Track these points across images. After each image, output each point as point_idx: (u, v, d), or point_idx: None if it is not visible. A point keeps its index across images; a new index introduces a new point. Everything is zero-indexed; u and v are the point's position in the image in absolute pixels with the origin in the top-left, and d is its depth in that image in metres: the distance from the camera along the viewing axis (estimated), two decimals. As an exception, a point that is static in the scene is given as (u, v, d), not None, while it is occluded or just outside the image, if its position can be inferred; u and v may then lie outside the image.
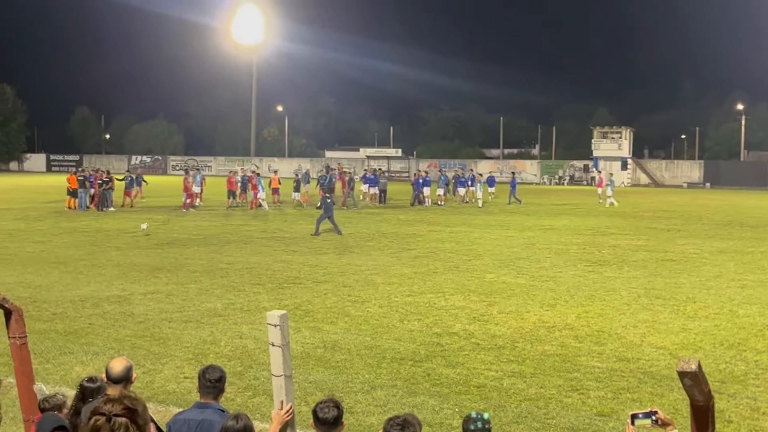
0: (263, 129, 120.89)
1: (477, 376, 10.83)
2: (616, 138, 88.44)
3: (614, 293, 17.18)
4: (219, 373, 5.99)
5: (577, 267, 21.07)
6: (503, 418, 9.04)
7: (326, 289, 17.37)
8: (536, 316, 14.75)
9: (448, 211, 41.83)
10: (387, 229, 30.93)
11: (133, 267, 20.50)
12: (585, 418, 9.10)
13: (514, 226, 33.07)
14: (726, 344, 12.73)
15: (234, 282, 18.32)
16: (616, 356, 11.93)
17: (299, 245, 25.51)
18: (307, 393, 9.81)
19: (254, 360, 11.48)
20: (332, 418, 5.24)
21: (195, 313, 14.75)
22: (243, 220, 34.94)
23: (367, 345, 12.47)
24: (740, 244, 26.59)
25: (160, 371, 10.93)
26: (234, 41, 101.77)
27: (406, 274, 19.67)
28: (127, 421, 2.70)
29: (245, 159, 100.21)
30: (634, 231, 31.24)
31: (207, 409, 5.81)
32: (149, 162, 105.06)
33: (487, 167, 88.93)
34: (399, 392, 10.09)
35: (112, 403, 2.73)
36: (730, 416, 9.21)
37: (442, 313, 14.95)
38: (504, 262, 21.78)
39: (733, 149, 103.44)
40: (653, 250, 24.90)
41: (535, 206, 46.44)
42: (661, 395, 9.97)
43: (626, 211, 43.20)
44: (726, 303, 16.14)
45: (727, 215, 40.37)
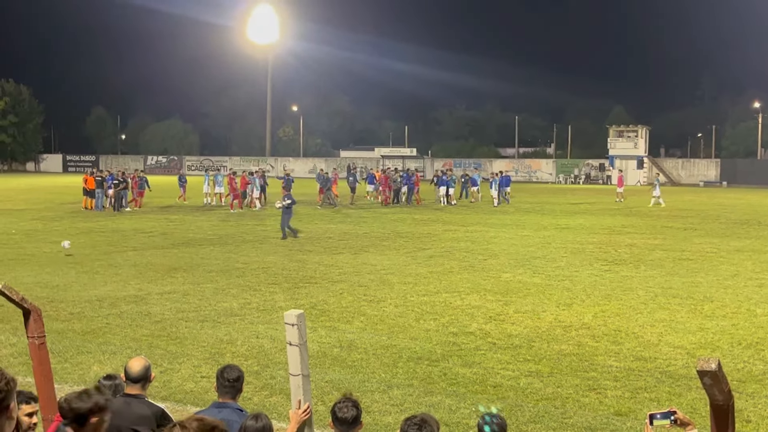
0: (278, 129, 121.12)
1: (493, 375, 10.81)
2: (632, 137, 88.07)
3: (631, 292, 17.11)
4: (237, 372, 6.02)
5: (593, 266, 21.00)
6: (520, 418, 9.02)
7: (342, 289, 17.38)
8: (552, 315, 14.71)
9: (463, 211, 41.78)
10: (402, 229, 30.92)
11: (149, 267, 20.58)
12: (602, 418, 9.07)
13: (529, 225, 33.00)
14: (744, 343, 12.66)
15: (250, 281, 18.36)
16: (634, 355, 11.88)
17: (314, 245, 25.53)
18: (324, 392, 9.82)
19: (271, 359, 11.50)
20: (351, 417, 5.25)
21: (211, 313, 14.79)
22: (258, 220, 35.00)
23: (383, 344, 12.47)
24: (758, 243, 26.43)
25: (178, 371, 10.97)
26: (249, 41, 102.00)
27: (422, 273, 19.65)
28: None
29: (260, 159, 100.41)
30: (650, 230, 31.10)
31: (225, 408, 5.83)
32: (165, 162, 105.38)
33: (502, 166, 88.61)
34: (415, 392, 10.08)
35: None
36: (748, 416, 9.15)
37: (458, 312, 14.93)
38: (520, 262, 21.73)
39: (749, 148, 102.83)
40: (670, 249, 24.78)
41: (551, 205, 46.32)
42: (678, 395, 9.93)
43: (642, 210, 43.04)
44: (744, 302, 16.05)
45: (744, 214, 40.15)
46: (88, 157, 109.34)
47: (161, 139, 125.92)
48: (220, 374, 6.03)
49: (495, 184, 47.06)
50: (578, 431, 8.76)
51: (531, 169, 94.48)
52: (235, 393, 6.02)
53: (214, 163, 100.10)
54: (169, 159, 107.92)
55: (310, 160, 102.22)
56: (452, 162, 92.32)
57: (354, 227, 31.60)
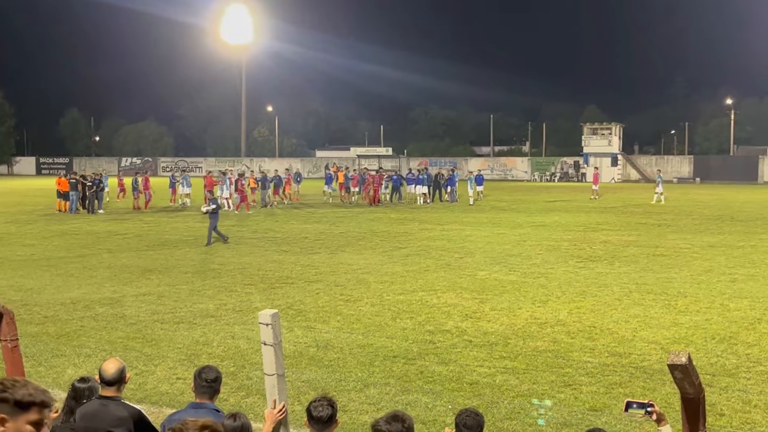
0: (253, 129, 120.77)
1: (470, 372, 10.85)
2: (606, 134, 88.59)
3: (606, 289, 17.23)
4: (215, 373, 6.03)
5: (568, 263, 21.12)
6: (496, 414, 9.06)
7: (318, 289, 17.37)
8: (528, 312, 14.78)
9: (438, 209, 41.85)
10: (378, 228, 30.93)
11: (124, 269, 20.46)
12: (578, 413, 9.13)
13: (505, 223, 33.12)
14: (717, 338, 12.78)
15: (226, 283, 18.31)
16: (608, 351, 11.97)
17: (290, 245, 25.49)
18: (300, 392, 9.82)
19: (247, 360, 11.48)
20: (327, 416, 5.26)
21: (187, 314, 14.73)
22: (234, 221, 34.87)
23: (359, 343, 12.48)
24: (730, 239, 26.68)
25: (153, 372, 10.92)
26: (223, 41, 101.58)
27: (398, 272, 19.68)
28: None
29: (236, 159, 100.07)
30: (624, 227, 31.31)
31: (202, 409, 5.83)
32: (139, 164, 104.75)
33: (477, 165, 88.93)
34: (392, 390, 10.10)
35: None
36: (722, 409, 9.25)
37: (434, 310, 14.97)
38: (495, 259, 21.81)
39: (722, 144, 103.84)
40: (644, 245, 24.97)
41: (526, 203, 46.51)
42: (653, 389, 10.01)
43: (616, 206, 43.32)
44: (717, 297, 16.20)
45: (718, 210, 40.50)
46: (61, 160, 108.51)
47: (135, 140, 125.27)
48: (198, 375, 6.03)
49: (471, 183, 47.21)
50: (554, 427, 8.81)
51: (506, 167, 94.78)
52: (213, 394, 6.02)
53: (189, 164, 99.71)
54: (143, 160, 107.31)
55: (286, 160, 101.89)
56: (428, 161, 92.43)
57: (330, 227, 31.59)
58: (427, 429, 8.62)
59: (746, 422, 8.90)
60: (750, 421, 8.96)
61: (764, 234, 28.13)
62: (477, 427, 5.37)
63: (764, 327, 13.53)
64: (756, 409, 9.34)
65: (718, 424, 8.64)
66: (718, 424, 8.68)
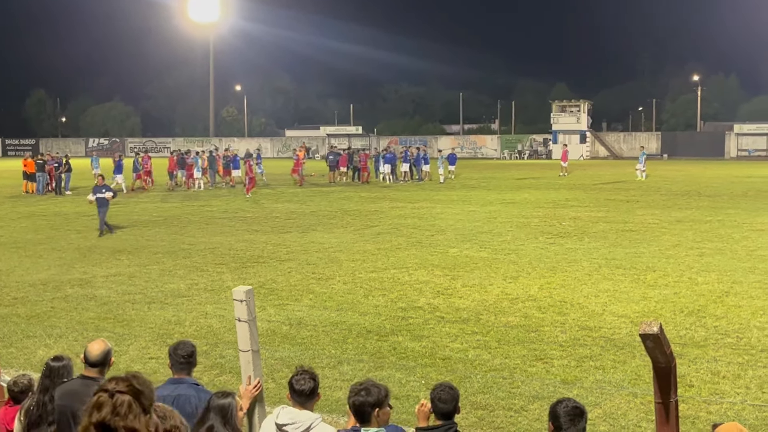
0: (222, 109, 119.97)
1: (442, 348, 10.92)
2: (574, 111, 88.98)
3: (575, 264, 17.37)
4: (190, 348, 6.06)
5: (538, 239, 21.26)
6: (469, 389, 9.14)
7: (290, 267, 17.36)
8: (499, 288, 14.88)
9: (410, 188, 41.90)
10: (349, 207, 30.93)
11: (93, 250, 20.32)
12: (549, 386, 9.23)
13: (475, 200, 33.23)
14: (686, 311, 12.95)
15: (197, 262, 18.24)
16: (579, 325, 12.09)
17: (261, 224, 25.43)
18: (274, 370, 9.84)
19: (220, 338, 11.48)
20: (309, 389, 5.30)
21: (158, 294, 14.68)
22: (203, 200, 34.72)
23: (332, 321, 12.51)
24: (698, 214, 26.98)
25: (125, 352, 10.88)
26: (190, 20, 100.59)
27: (370, 250, 19.71)
28: (131, 400, 2.67)
29: (204, 139, 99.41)
30: (593, 203, 31.56)
31: (181, 384, 5.85)
32: (107, 144, 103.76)
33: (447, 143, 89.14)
34: (366, 366, 10.15)
35: (117, 382, 2.71)
36: (691, 381, 9.39)
37: (406, 288, 15.03)
38: (466, 237, 21.90)
39: (689, 120, 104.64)
40: (613, 221, 25.18)
41: (497, 180, 46.69)
42: (623, 362, 10.14)
43: (585, 183, 43.61)
44: (685, 271, 16.40)
45: (685, 185, 40.89)
46: (27, 141, 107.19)
47: (103, 121, 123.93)
48: (173, 351, 6.05)
49: (442, 161, 47.25)
50: (526, 400, 8.90)
51: (476, 145, 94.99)
52: (190, 368, 6.05)
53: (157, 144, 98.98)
54: (111, 141, 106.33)
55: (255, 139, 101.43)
56: (398, 139, 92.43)
57: (301, 206, 31.53)
58: (401, 404, 8.67)
59: (715, 392, 9.05)
60: (719, 391, 9.10)
61: (731, 209, 28.47)
62: (452, 400, 5.41)
63: (732, 300, 13.73)
64: (724, 380, 9.49)
65: (688, 395, 8.77)
66: (688, 394, 8.82)
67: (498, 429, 8.22)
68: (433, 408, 5.44)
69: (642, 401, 8.70)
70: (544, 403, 8.75)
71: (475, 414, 8.50)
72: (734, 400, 8.82)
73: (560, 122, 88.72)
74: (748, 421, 8.07)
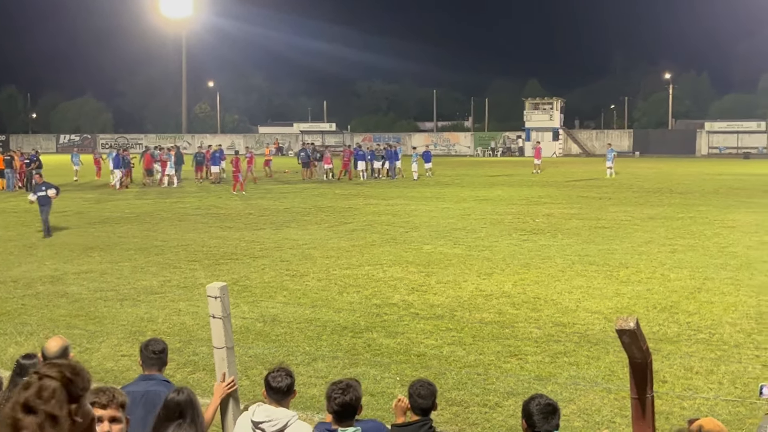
0: (195, 105, 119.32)
1: (417, 345, 10.91)
2: (547, 109, 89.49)
3: (549, 261, 17.42)
4: (162, 345, 6.04)
5: (512, 236, 21.31)
6: (444, 385, 9.12)
7: (264, 264, 17.28)
8: (473, 285, 14.89)
9: (383, 185, 41.89)
10: (323, 203, 30.86)
11: (65, 246, 20.11)
12: (524, 382, 9.24)
13: (449, 197, 33.28)
14: (659, 307, 13.02)
15: (169, 259, 18.11)
16: (553, 321, 12.12)
17: (235, 221, 25.30)
18: (248, 367, 9.78)
19: (193, 336, 11.39)
20: (286, 386, 5.28)
21: (131, 291, 14.55)
22: (176, 197, 34.51)
23: (306, 318, 12.46)
24: (670, 211, 27.17)
25: (97, 350, 10.78)
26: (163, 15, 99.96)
27: (344, 247, 19.66)
28: (58, 386, 2.61)
29: (177, 136, 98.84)
30: (566, 200, 31.69)
31: (151, 380, 5.81)
32: (78, 141, 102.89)
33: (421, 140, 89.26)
34: (340, 363, 10.11)
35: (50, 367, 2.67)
36: (664, 376, 9.44)
37: (380, 284, 15.00)
38: (441, 233, 21.91)
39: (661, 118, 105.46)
40: (586, 218, 25.30)
41: (470, 177, 46.79)
42: (597, 358, 10.18)
43: (558, 180, 43.80)
44: (657, 267, 16.50)
45: (657, 183, 41.19)
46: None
47: (74, 117, 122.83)
48: (144, 347, 6.03)
49: (416, 158, 47.22)
50: (501, 396, 8.91)
51: (450, 142, 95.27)
52: (161, 365, 6.01)
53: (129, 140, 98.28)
54: (82, 137, 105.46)
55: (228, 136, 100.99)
56: (371, 136, 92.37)
57: (275, 203, 31.42)
58: (376, 401, 8.65)
59: (688, 388, 9.10)
60: (692, 386, 9.16)
61: (702, 206, 28.71)
62: (430, 396, 5.42)
63: (704, 296, 13.82)
64: (697, 376, 9.55)
65: (662, 391, 8.81)
66: (662, 390, 8.85)
67: (473, 425, 8.21)
68: (411, 403, 5.43)
69: (616, 397, 8.73)
70: (519, 399, 8.75)
71: (449, 410, 8.49)
72: (707, 395, 8.87)
73: (533, 120, 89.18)
74: (721, 416, 8.11)
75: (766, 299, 13.49)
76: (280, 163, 59.79)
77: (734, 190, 35.68)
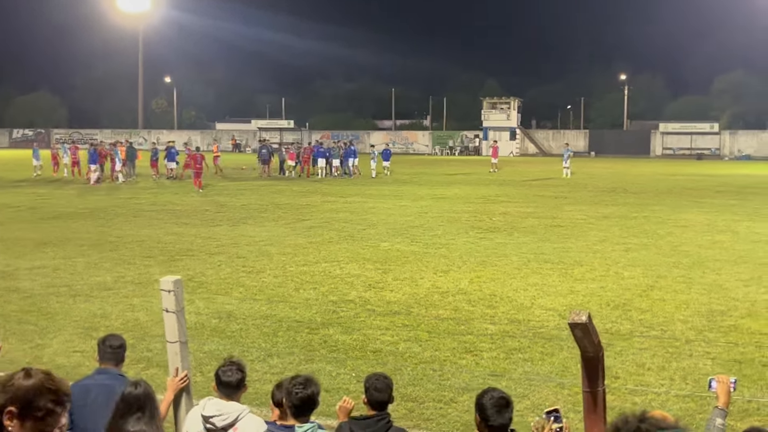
0: (151, 101, 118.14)
1: (373, 341, 10.91)
2: (504, 108, 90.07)
3: (505, 258, 17.53)
4: (120, 340, 6.02)
5: (468, 234, 21.41)
6: (399, 381, 9.12)
7: (220, 261, 17.16)
8: (430, 282, 14.94)
9: (341, 182, 41.87)
10: (281, 200, 30.75)
11: (16, 242, 19.80)
12: (479, 378, 9.28)
13: (407, 195, 33.35)
14: (612, 305, 13.17)
15: (124, 255, 17.91)
16: (508, 318, 12.20)
17: (191, 218, 25.10)
18: (202, 363, 9.70)
19: (147, 332, 11.27)
20: (236, 381, 5.25)
21: (84, 287, 14.36)
22: (131, 193, 34.16)
23: (262, 314, 12.40)
24: (624, 210, 27.50)
25: (49, 345, 10.63)
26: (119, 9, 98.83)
27: (301, 244, 19.61)
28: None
29: (132, 131, 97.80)
30: (523, 199, 31.92)
31: (105, 374, 5.76)
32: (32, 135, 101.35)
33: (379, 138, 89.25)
34: (296, 359, 10.08)
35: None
36: (617, 372, 9.54)
37: (337, 281, 14.98)
38: (398, 231, 21.95)
39: (616, 119, 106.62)
40: (542, 216, 25.50)
41: (428, 176, 46.91)
42: (551, 354, 10.27)
43: (515, 179, 44.11)
44: (611, 266, 16.68)
45: (612, 182, 41.66)
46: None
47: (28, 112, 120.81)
48: (102, 342, 6.00)
49: (375, 156, 47.24)
50: (455, 392, 8.95)
51: (408, 140, 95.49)
52: (118, 360, 5.97)
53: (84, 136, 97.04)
54: (36, 132, 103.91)
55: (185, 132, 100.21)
56: (330, 134, 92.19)
57: (231, 199, 31.25)
58: (331, 397, 8.63)
59: (640, 384, 9.21)
60: (644, 382, 9.28)
61: (656, 205, 29.09)
62: (387, 389, 5.42)
63: (657, 294, 14.01)
64: (649, 372, 9.68)
65: (614, 386, 8.91)
66: (614, 386, 8.95)
67: (428, 421, 8.24)
68: (367, 397, 5.43)
69: (569, 392, 8.81)
70: (474, 394, 8.75)
71: (404, 406, 8.51)
72: (659, 390, 8.99)
73: (491, 119, 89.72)
74: (672, 411, 8.22)
75: (717, 297, 13.71)
76: (238, 159, 59.46)
77: (687, 191, 36.22)
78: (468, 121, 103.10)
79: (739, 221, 24.37)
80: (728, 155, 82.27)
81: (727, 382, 4.90)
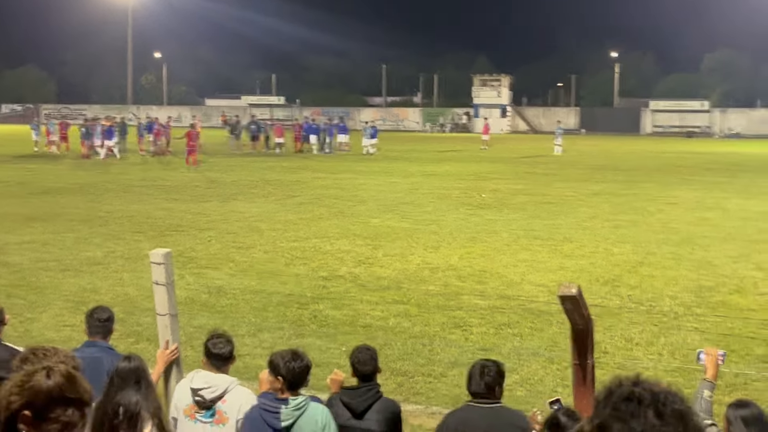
0: (141, 76, 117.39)
1: (363, 316, 10.95)
2: (495, 86, 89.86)
3: (495, 235, 17.56)
4: (108, 313, 6.00)
5: (459, 210, 21.43)
6: (389, 356, 9.17)
7: (210, 236, 17.15)
8: (420, 258, 14.96)
9: (332, 159, 41.81)
10: (271, 177, 30.69)
11: (5, 217, 19.72)
12: (468, 353, 9.31)
13: (397, 172, 33.31)
14: (601, 281, 13.23)
15: (114, 230, 17.87)
16: (497, 294, 12.24)
17: (181, 193, 25.05)
18: (192, 337, 9.68)
19: (136, 306, 11.26)
20: (228, 352, 5.25)
21: (73, 262, 14.34)
22: (120, 168, 34.04)
23: (252, 289, 12.41)
24: (614, 187, 27.55)
25: (38, 319, 10.63)
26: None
27: (291, 220, 19.60)
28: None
29: (122, 107, 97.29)
30: (513, 175, 31.95)
31: (94, 346, 5.75)
32: (20, 111, 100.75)
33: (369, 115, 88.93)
34: (286, 334, 10.11)
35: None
36: (606, 347, 9.60)
37: (327, 257, 14.99)
38: (388, 207, 21.95)
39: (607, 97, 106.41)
40: (532, 193, 25.54)
41: (418, 153, 46.85)
42: (540, 329, 10.32)
43: (506, 156, 44.11)
44: (601, 242, 16.74)
45: (602, 160, 41.70)
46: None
47: (16, 86, 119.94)
48: (90, 315, 5.99)
49: (366, 133, 47.05)
50: (445, 366, 8.99)
51: (398, 118, 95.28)
52: (106, 333, 5.97)
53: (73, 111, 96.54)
54: (24, 108, 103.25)
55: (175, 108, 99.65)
56: (320, 110, 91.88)
57: (222, 175, 31.17)
58: (321, 371, 8.63)
59: (629, 358, 9.27)
60: (632, 357, 9.34)
61: (645, 183, 29.15)
62: (371, 360, 5.43)
63: (645, 270, 14.07)
64: (637, 347, 9.75)
65: (603, 361, 8.94)
66: (603, 360, 8.99)
67: (417, 395, 8.28)
68: (354, 372, 5.44)
69: (558, 367, 8.86)
70: (463, 369, 8.80)
71: (394, 380, 8.55)
72: (647, 365, 9.04)
73: (482, 96, 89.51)
74: (660, 386, 8.28)
75: (705, 273, 13.79)
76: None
77: (677, 168, 36.29)
78: (459, 99, 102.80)
79: (729, 198, 24.46)
80: (718, 133, 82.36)
81: (715, 355, 4.93)
